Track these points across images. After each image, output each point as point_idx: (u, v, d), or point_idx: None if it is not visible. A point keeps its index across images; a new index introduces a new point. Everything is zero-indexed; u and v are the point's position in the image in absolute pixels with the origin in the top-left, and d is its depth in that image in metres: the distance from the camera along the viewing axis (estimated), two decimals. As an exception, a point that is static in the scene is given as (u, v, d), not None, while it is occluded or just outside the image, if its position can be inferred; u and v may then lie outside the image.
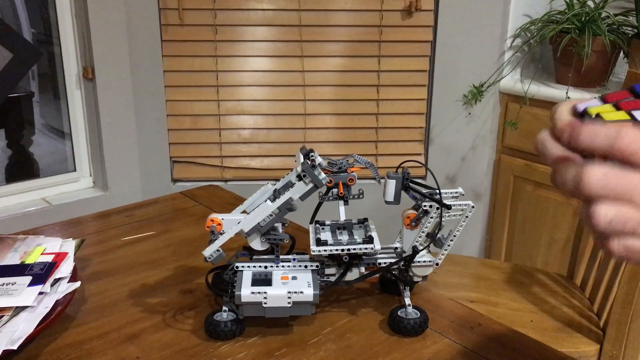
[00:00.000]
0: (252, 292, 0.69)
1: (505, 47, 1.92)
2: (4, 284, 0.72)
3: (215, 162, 1.98)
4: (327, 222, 0.77)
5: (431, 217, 0.73)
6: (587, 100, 0.44)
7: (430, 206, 0.72)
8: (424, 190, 0.73)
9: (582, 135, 0.40)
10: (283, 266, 0.73)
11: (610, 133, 0.39)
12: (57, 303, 0.70)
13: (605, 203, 0.39)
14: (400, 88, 1.96)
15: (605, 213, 0.39)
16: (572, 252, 1.48)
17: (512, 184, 1.98)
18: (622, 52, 1.79)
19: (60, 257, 0.78)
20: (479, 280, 1.44)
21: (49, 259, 0.77)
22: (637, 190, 0.39)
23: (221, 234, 0.71)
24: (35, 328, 0.65)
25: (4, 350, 0.61)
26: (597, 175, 0.39)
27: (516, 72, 1.95)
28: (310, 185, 0.70)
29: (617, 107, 0.43)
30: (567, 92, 1.73)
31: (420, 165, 0.77)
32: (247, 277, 0.71)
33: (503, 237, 2.05)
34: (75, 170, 1.94)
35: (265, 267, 0.73)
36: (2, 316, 0.66)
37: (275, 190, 0.73)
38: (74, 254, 0.80)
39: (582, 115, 0.43)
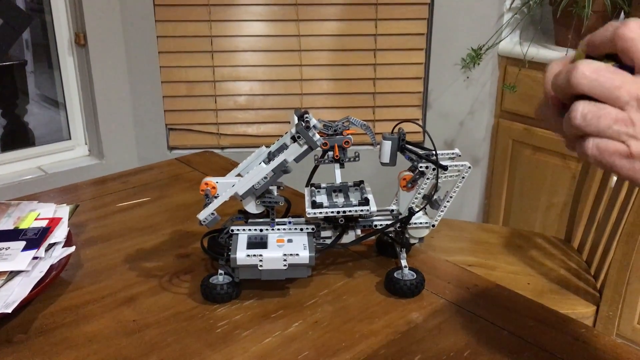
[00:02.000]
0: (248, 255, 0.68)
1: (504, 8, 1.89)
2: (-2, 249, 0.71)
3: (212, 129, 1.97)
4: (323, 185, 0.77)
5: (427, 179, 0.72)
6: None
7: (427, 167, 0.71)
8: (420, 152, 0.72)
9: (557, 80, 0.42)
10: (279, 229, 0.73)
11: (567, 69, 0.41)
12: (51, 268, 0.70)
13: (586, 101, 0.41)
14: (397, 52, 1.94)
15: (583, 107, 0.40)
16: (570, 216, 1.48)
17: (511, 148, 1.98)
18: (622, 12, 1.76)
19: (54, 222, 0.77)
20: (476, 245, 1.44)
21: (42, 224, 0.77)
22: (624, 88, 0.40)
23: (215, 197, 0.71)
24: (29, 292, 0.65)
25: (-1, 314, 0.61)
26: (588, 69, 0.40)
27: (515, 35, 1.92)
28: (305, 147, 0.69)
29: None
30: (566, 54, 1.70)
31: (418, 126, 0.76)
32: (242, 240, 0.71)
33: (501, 201, 2.05)
34: (70, 138, 1.92)
35: (261, 230, 0.73)
36: (-3, 281, 0.66)
37: (269, 153, 0.73)
38: (68, 220, 0.80)
39: None
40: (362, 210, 0.71)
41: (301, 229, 0.73)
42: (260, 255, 0.69)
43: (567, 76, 0.41)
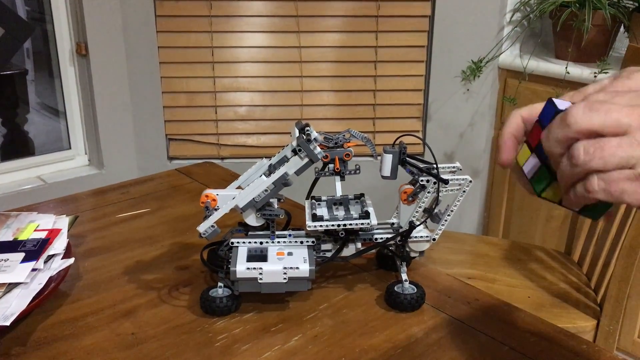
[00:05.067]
0: (248, 268, 0.68)
1: (504, 21, 1.90)
2: (-4, 260, 0.71)
3: (212, 140, 1.97)
4: (324, 198, 0.77)
5: (428, 192, 0.72)
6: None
7: (427, 181, 0.71)
8: (421, 165, 0.72)
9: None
10: (279, 242, 0.73)
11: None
12: (50, 279, 0.69)
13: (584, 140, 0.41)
14: (398, 64, 1.94)
15: (584, 144, 0.40)
16: (570, 229, 1.47)
17: (511, 161, 1.97)
18: (622, 26, 1.77)
19: (53, 233, 0.77)
20: (476, 257, 1.43)
21: (42, 235, 0.77)
22: (623, 112, 0.40)
23: (216, 209, 0.70)
24: (28, 304, 0.64)
25: (-3, 327, 0.61)
26: (580, 109, 0.41)
27: (515, 47, 1.92)
28: (306, 159, 0.69)
29: (528, 144, 0.47)
30: (566, 67, 1.71)
31: (418, 139, 0.76)
32: (242, 253, 0.71)
33: (501, 213, 2.05)
34: (70, 148, 1.92)
35: (261, 242, 0.72)
36: (-5, 293, 0.66)
37: (270, 166, 0.72)
38: (68, 231, 0.79)
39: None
40: (362, 224, 0.71)
41: (301, 242, 0.73)
42: (260, 268, 0.68)
43: (562, 124, 0.41)
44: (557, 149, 0.42)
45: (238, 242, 0.72)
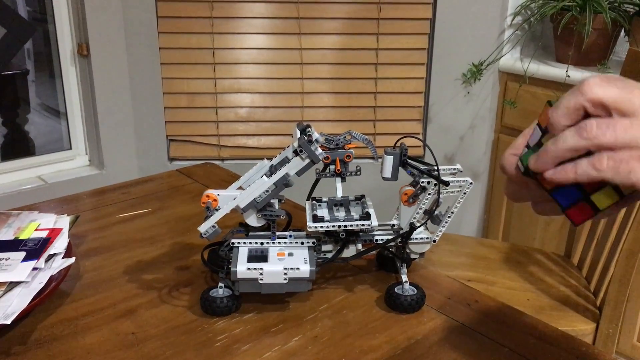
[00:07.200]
0: (248, 269, 0.68)
1: (505, 25, 1.91)
2: (-3, 259, 0.71)
3: (212, 141, 1.97)
4: (324, 199, 0.77)
5: (429, 194, 0.72)
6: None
7: (428, 182, 0.71)
8: (422, 167, 0.72)
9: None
10: (279, 243, 0.73)
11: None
12: (51, 278, 0.70)
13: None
14: (398, 66, 1.95)
15: (597, 120, 0.41)
16: (570, 232, 1.48)
17: (511, 164, 1.97)
18: (623, 30, 1.77)
19: (54, 233, 0.77)
20: (476, 260, 1.44)
21: (43, 234, 0.77)
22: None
23: (217, 210, 0.70)
24: (29, 303, 0.64)
25: (-3, 325, 0.61)
26: (598, 84, 0.42)
27: (516, 51, 1.93)
28: (307, 160, 0.69)
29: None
30: (567, 71, 1.71)
31: (418, 140, 0.77)
32: (243, 253, 0.71)
33: (501, 216, 2.05)
34: (71, 148, 1.93)
35: (262, 243, 0.73)
36: (-4, 292, 0.66)
37: (271, 166, 0.73)
38: (69, 230, 0.79)
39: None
40: (363, 225, 0.71)
41: (302, 243, 0.73)
42: (261, 268, 0.68)
43: (576, 92, 0.42)
44: (563, 119, 0.43)
45: (239, 243, 0.72)
